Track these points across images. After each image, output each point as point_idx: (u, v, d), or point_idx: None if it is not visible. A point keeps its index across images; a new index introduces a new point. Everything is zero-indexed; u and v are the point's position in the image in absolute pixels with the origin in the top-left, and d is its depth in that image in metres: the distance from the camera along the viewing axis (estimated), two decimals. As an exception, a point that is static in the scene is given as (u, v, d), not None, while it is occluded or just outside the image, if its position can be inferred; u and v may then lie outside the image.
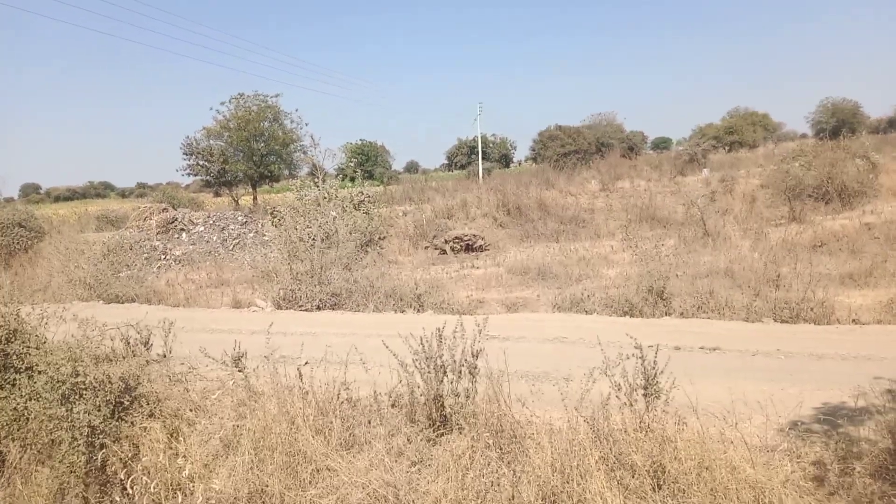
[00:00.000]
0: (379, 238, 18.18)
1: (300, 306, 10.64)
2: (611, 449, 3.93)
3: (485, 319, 5.01)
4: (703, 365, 6.51)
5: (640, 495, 3.74)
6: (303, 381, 4.98)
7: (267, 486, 4.28)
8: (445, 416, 4.79)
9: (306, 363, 6.53)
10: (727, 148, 49.08)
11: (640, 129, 64.50)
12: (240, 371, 5.48)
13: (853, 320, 8.40)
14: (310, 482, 4.21)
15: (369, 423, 4.89)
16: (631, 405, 4.28)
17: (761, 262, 11.30)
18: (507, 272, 13.77)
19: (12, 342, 5.78)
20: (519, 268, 13.85)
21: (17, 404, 5.32)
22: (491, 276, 13.56)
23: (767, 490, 3.70)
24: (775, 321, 8.44)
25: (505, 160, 64.98)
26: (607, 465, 3.85)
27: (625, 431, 4.05)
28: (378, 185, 34.89)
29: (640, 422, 4.16)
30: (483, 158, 55.98)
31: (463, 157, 63.97)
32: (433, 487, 4.11)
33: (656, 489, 3.81)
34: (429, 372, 4.85)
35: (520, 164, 69.12)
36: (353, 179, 25.85)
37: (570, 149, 45.76)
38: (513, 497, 3.70)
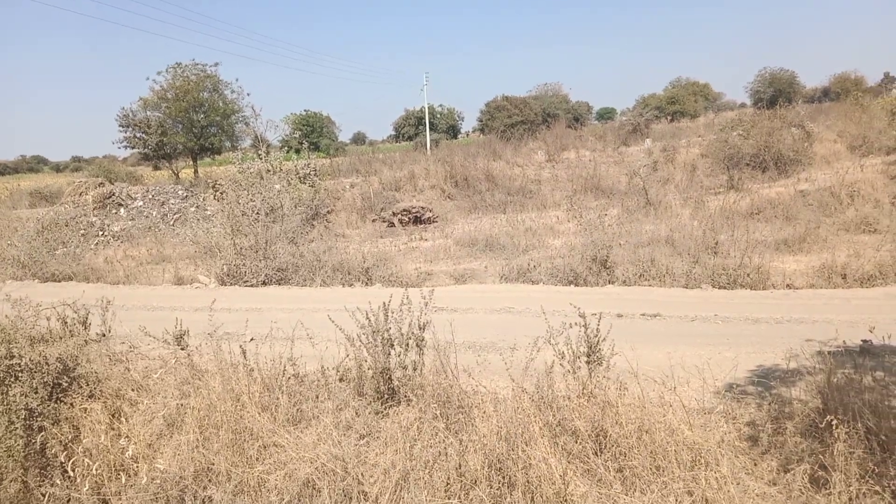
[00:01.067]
0: (326, 211, 17.97)
1: (245, 282, 10.48)
2: (554, 415, 4.03)
3: (431, 292, 5.04)
4: (645, 331, 6.70)
5: (583, 459, 3.86)
6: (247, 358, 4.93)
7: (213, 464, 4.24)
8: (393, 389, 4.82)
9: (252, 339, 6.46)
10: (669, 118, 49.97)
11: (586, 100, 65.04)
12: (182, 349, 5.39)
13: (787, 285, 8.76)
14: (257, 459, 4.19)
15: (317, 398, 4.89)
16: (574, 372, 4.39)
17: (700, 230, 11.63)
18: (455, 244, 13.81)
19: (-61, 325, 5.54)
20: (467, 239, 13.91)
21: (-55, 389, 5.12)
22: (439, 248, 13.58)
23: (704, 451, 3.86)
24: (713, 287, 8.73)
25: (453, 131, 64.69)
26: (551, 432, 3.95)
27: (568, 398, 4.16)
28: (324, 157, 34.31)
29: (583, 388, 4.27)
30: (431, 129, 55.66)
31: (410, 129, 63.43)
32: (381, 459, 4.15)
33: (598, 453, 3.93)
34: (376, 346, 4.86)
35: (467, 135, 69.00)
36: (297, 151, 25.39)
37: (516, 119, 45.85)
38: (460, 466, 3.76)
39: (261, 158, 16.20)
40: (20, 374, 5.00)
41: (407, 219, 17.91)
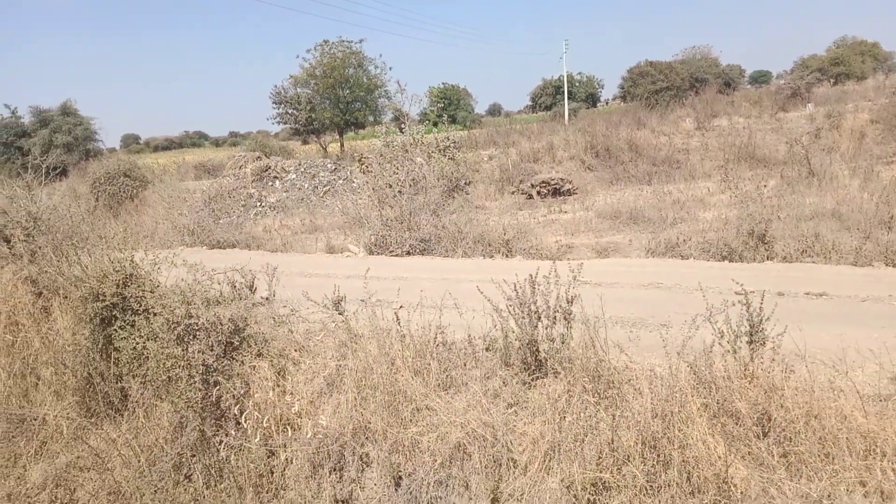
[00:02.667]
0: (464, 184, 18.14)
1: (391, 252, 10.85)
2: (713, 396, 3.86)
3: (580, 265, 4.96)
4: (810, 311, 6.22)
5: (745, 442, 3.67)
6: (400, 325, 5.11)
7: (370, 423, 4.47)
8: (540, 361, 4.82)
9: (401, 307, 6.69)
10: (833, 81, 45.56)
11: (738, 63, 60.77)
12: (340, 314, 5.68)
13: (978, 265, 7.78)
14: (410, 420, 4.36)
15: (465, 365, 4.98)
16: (735, 352, 4.17)
17: (872, 203, 10.57)
18: (596, 216, 13.50)
19: (129, 286, 6.20)
20: (609, 212, 13.54)
21: (137, 344, 5.73)
22: (579, 220, 13.33)
23: (880, 440, 3.56)
24: (887, 265, 7.93)
25: (592, 100, 62.92)
26: (710, 412, 3.79)
27: (728, 379, 3.96)
28: (461, 130, 34.62)
29: (745, 369, 4.05)
30: (569, 98, 54.43)
31: (548, 98, 62.40)
32: (530, 429, 4.18)
33: (761, 437, 3.73)
34: (523, 317, 4.88)
35: (607, 103, 66.80)
36: (436, 124, 25.75)
37: (661, 86, 43.74)
38: (612, 441, 3.71)
39: (403, 132, 16.61)
40: (198, 333, 5.50)
41: (546, 191, 17.71)
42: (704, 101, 30.51)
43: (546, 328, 4.83)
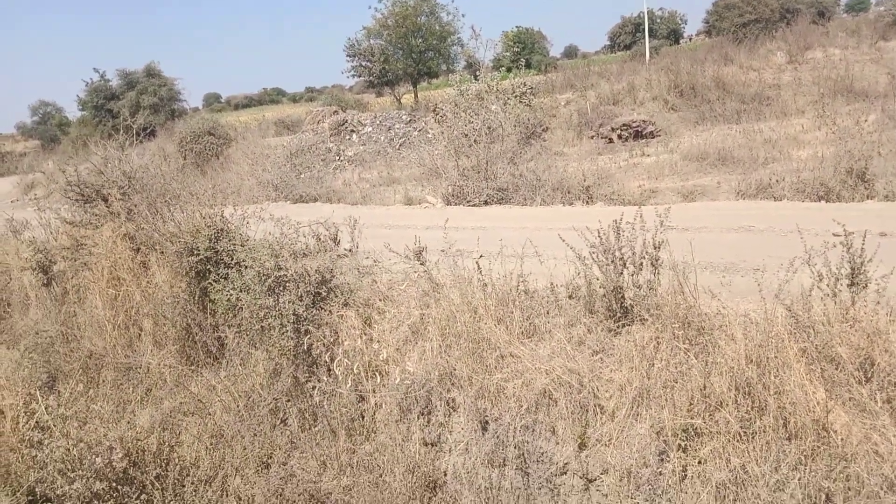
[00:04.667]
0: (541, 130, 17.80)
1: (468, 202, 10.83)
2: (812, 341, 3.69)
3: (666, 209, 4.79)
4: (917, 252, 5.83)
5: (846, 388, 3.52)
6: (482, 274, 5.11)
7: (455, 369, 4.54)
8: (626, 308, 4.73)
9: (481, 256, 6.70)
10: (942, 3, 41.54)
11: (833, -11, 56.22)
12: (421, 264, 5.74)
13: None
14: (495, 367, 4.40)
15: (547, 313, 4.96)
16: (835, 296, 3.96)
17: None
18: (681, 159, 12.99)
19: (220, 241, 6.45)
20: (695, 153, 12.99)
21: (231, 296, 5.99)
22: (663, 163, 12.87)
23: None
24: None
25: (674, 36, 59.89)
26: (808, 358, 3.64)
27: (828, 323, 3.78)
28: (537, 74, 33.75)
29: (846, 313, 3.85)
30: (650, 36, 52.00)
31: (627, 37, 59.85)
32: (616, 376, 4.14)
33: (863, 382, 3.56)
34: (607, 264, 4.78)
35: (690, 39, 63.41)
36: (510, 70, 25.23)
37: (749, 18, 41.02)
38: (704, 387, 3.63)
39: (477, 80, 16.36)
40: (287, 284, 5.69)
41: (627, 134, 17.16)
42: (796, 32, 28.44)
43: (632, 275, 4.73)
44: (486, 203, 10.67)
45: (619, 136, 17.04)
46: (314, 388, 5.12)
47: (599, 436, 3.94)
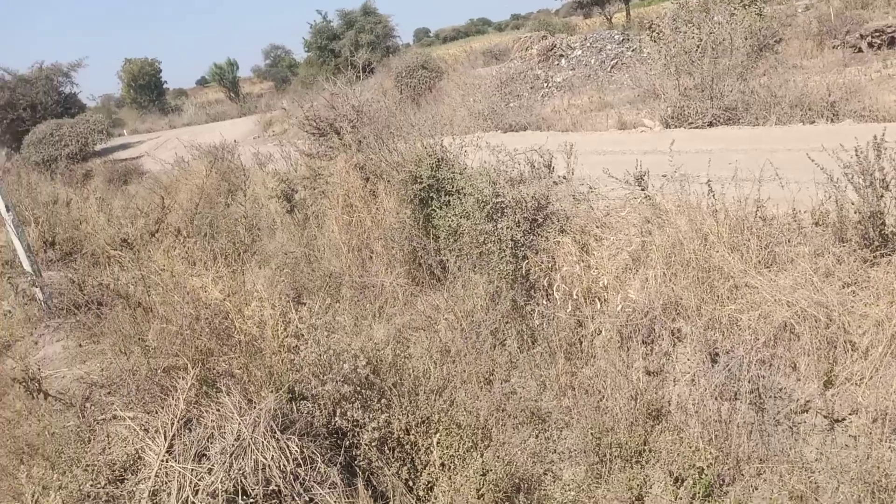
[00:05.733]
0: (774, 41, 15.93)
1: (690, 124, 10.12)
2: None
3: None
4: None
5: None
6: (715, 198, 4.78)
7: (681, 298, 4.35)
8: (885, 237, 4.17)
9: (709, 181, 6.26)
10: None
11: None
12: (642, 189, 5.51)
13: None
14: (728, 298, 4.15)
15: (788, 241, 4.53)
16: None
17: None
18: (953, 65, 10.96)
19: (441, 169, 6.70)
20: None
21: (452, 221, 6.25)
22: (928, 72, 10.96)
23: None
24: None
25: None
26: None
27: None
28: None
29: None
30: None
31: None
32: (872, 311, 3.72)
33: None
34: (865, 186, 4.22)
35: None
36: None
37: None
38: None
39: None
40: (505, 210, 5.79)
41: (880, 41, 14.82)
42: None
43: (895, 198, 4.14)
44: (710, 125, 9.90)
45: (871, 45, 14.77)
46: (533, 311, 5.22)
47: (849, 374, 3.58)
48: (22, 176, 17.00)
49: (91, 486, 3.94)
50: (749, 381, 3.77)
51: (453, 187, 6.42)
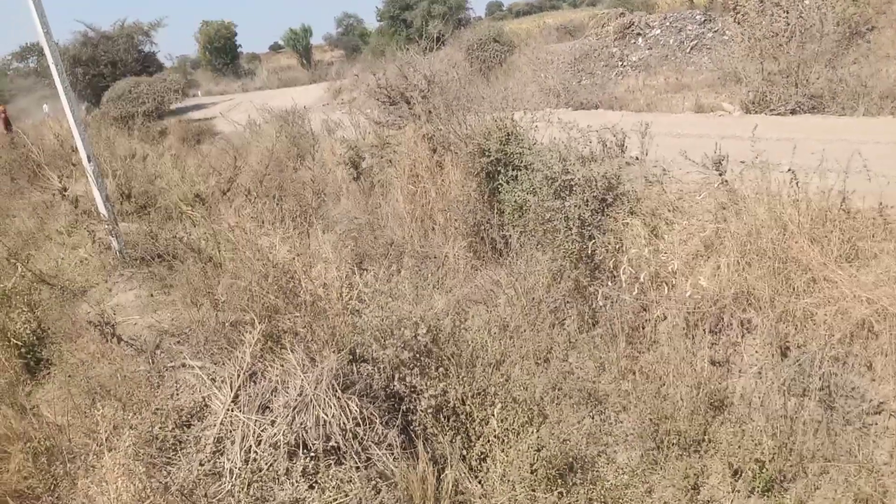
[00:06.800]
0: (867, 29, 15.05)
1: (771, 110, 9.71)
2: None
3: None
4: None
5: None
6: (798, 187, 4.59)
7: (754, 289, 4.22)
8: (983, 237, 3.94)
9: (789, 170, 6.01)
10: None
11: None
12: (720, 175, 5.33)
13: None
14: (804, 291, 4.00)
15: (873, 237, 4.33)
16: None
17: None
18: None
19: (510, 143, 6.64)
20: None
21: (518, 197, 6.20)
22: None
23: None
24: None
25: None
26: None
27: None
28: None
29: None
30: None
31: None
32: (961, 315, 3.52)
33: None
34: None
35: None
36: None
37: None
38: None
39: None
40: (574, 188, 5.71)
41: None
42: None
43: None
44: (793, 112, 9.48)
45: (977, 34, 13.78)
46: (596, 292, 5.15)
47: (929, 379, 3.42)
48: (101, 130, 17.66)
49: (160, 428, 4.13)
50: (820, 378, 3.65)
51: (521, 162, 6.36)
